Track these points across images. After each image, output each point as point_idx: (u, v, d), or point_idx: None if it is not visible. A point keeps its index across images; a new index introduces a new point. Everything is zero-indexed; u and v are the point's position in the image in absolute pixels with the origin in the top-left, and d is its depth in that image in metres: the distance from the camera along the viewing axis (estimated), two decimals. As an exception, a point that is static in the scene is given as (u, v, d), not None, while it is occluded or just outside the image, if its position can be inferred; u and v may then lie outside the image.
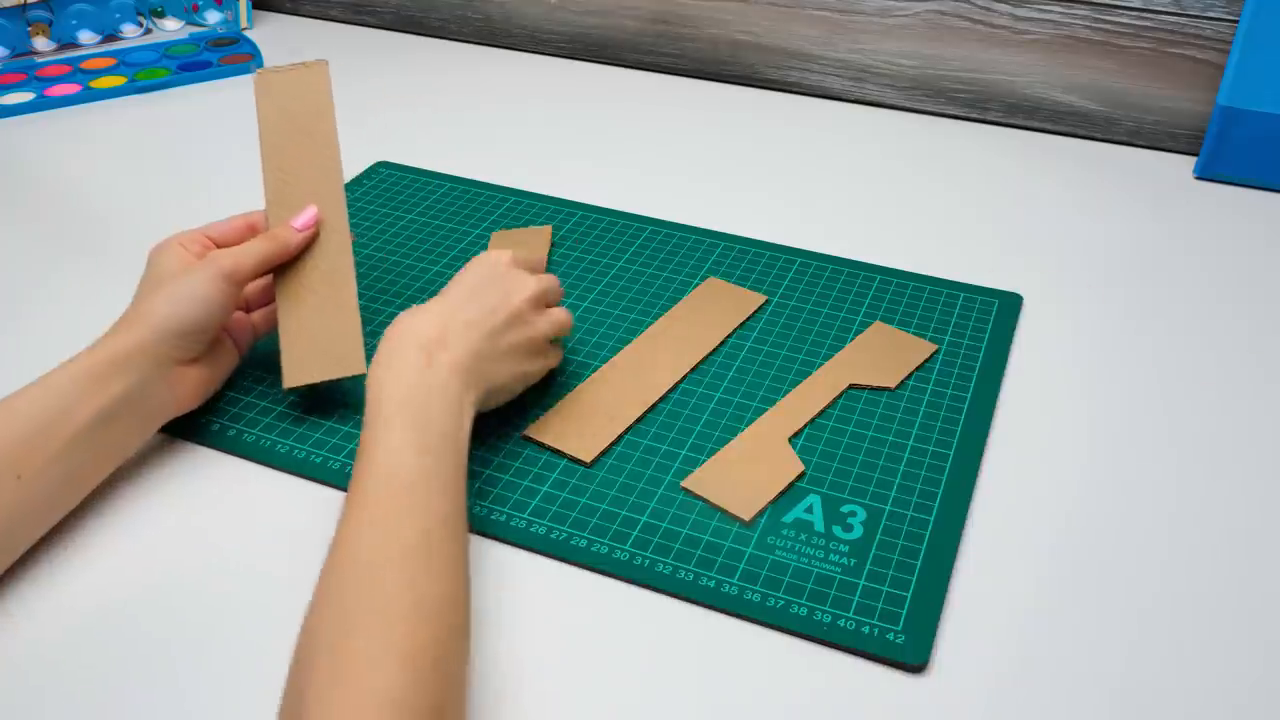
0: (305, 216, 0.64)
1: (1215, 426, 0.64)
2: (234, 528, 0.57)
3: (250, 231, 0.65)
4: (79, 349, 0.69)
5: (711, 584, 0.53)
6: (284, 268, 0.64)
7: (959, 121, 1.01)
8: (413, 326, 0.56)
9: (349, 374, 0.62)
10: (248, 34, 1.19)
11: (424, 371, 0.54)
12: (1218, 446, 0.63)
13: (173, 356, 0.59)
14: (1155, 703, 0.49)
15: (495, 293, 0.59)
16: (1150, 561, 0.55)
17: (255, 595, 0.53)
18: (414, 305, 0.59)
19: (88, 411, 0.55)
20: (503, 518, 0.57)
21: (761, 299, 0.74)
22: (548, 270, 0.78)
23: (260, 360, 0.68)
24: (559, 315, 0.63)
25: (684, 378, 0.67)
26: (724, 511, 0.57)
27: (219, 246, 0.64)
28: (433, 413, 0.53)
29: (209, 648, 0.51)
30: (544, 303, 0.62)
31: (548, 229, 0.81)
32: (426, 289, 0.76)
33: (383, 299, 0.75)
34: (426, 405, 0.53)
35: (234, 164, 0.93)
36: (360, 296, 0.75)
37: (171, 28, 1.21)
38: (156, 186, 0.90)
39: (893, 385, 0.66)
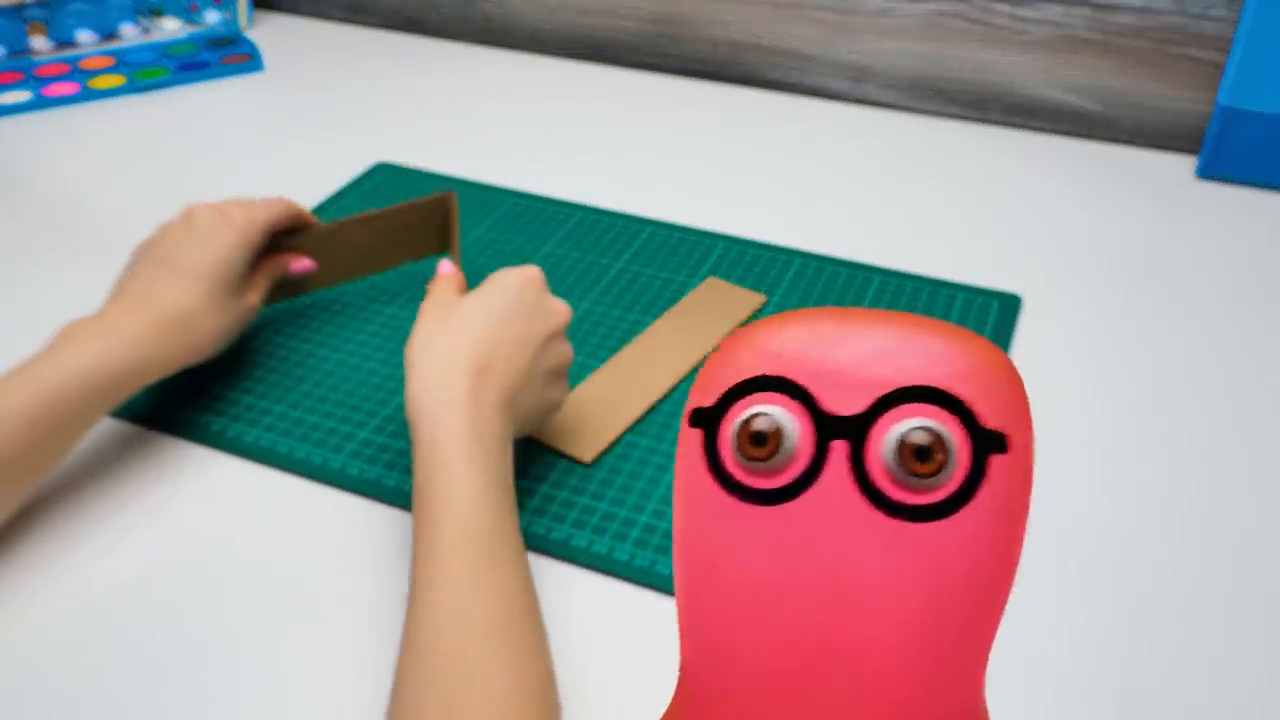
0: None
1: (1217, 426, 0.64)
2: (234, 528, 0.57)
3: (297, 223, 0.69)
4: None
5: (712, 584, 0.53)
6: None
7: (959, 121, 1.01)
8: (459, 346, 0.52)
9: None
10: (247, 34, 1.19)
11: (477, 401, 0.50)
12: (1220, 446, 0.63)
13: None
14: (1158, 704, 0.48)
15: (540, 314, 0.56)
16: (1153, 561, 0.55)
17: (255, 596, 0.53)
18: (434, 314, 0.54)
19: (119, 397, 0.57)
20: (502, 518, 0.57)
21: (761, 299, 0.74)
22: (549, 269, 0.77)
23: (261, 360, 0.67)
24: (569, 346, 0.60)
25: (684, 377, 0.67)
26: (724, 511, 0.57)
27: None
28: (489, 445, 0.49)
29: (210, 649, 0.51)
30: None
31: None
32: (424, 290, 0.75)
33: (383, 299, 0.75)
34: (483, 438, 0.49)
35: (233, 164, 0.93)
36: (361, 296, 0.75)
37: (170, 27, 1.21)
38: (155, 186, 0.90)
39: (893, 385, 0.66)
